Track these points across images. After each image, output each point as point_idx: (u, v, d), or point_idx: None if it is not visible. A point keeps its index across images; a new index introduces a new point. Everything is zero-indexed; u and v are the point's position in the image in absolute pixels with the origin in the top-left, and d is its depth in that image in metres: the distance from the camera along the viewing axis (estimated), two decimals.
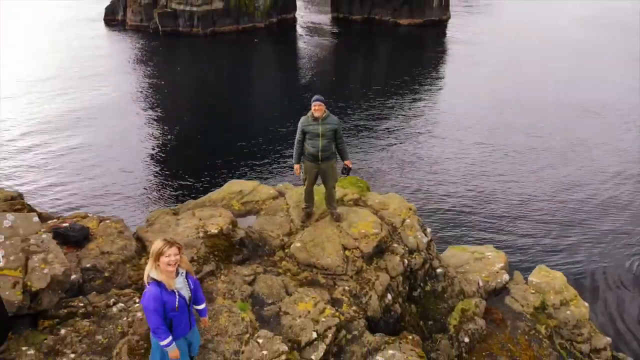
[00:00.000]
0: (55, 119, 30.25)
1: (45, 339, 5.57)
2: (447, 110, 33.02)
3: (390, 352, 6.44)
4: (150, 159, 25.73)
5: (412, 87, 38.83)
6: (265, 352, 5.85)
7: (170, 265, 4.55)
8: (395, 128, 29.90)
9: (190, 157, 25.45)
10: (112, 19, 60.91)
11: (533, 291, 10.18)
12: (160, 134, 29.00)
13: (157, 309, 4.50)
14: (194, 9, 54.55)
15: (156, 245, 4.57)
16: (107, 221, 7.65)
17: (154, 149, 26.82)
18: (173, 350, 4.68)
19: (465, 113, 31.98)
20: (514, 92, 36.29)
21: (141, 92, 36.91)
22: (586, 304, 10.20)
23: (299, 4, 64.88)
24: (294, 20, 61.93)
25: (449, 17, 63.13)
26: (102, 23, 60.70)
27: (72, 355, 5.38)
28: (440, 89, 38.73)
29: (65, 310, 5.90)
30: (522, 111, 32.31)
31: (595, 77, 40.10)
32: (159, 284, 4.53)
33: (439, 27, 60.16)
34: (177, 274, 4.71)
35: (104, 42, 53.50)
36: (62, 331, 5.66)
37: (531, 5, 73.04)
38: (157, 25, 55.57)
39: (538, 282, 10.32)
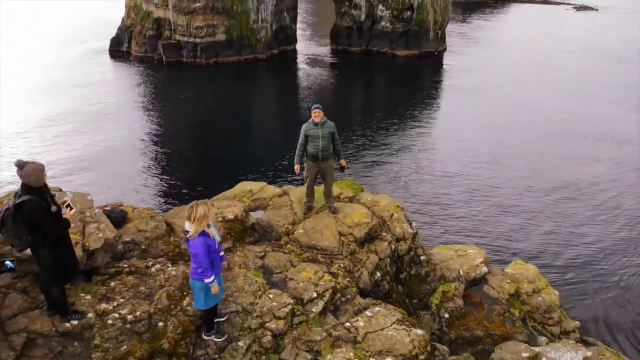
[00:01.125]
0: (78, 149, 31.78)
1: (99, 289, 7.07)
2: (442, 133, 34.93)
3: (377, 309, 7.90)
4: (164, 173, 27.68)
5: (408, 110, 40.85)
6: (275, 304, 7.33)
7: (210, 220, 6.16)
8: (391, 146, 31.88)
9: (202, 168, 27.93)
10: (117, 50, 63.47)
11: (509, 281, 11.62)
12: (172, 150, 31.12)
13: (205, 253, 6.04)
14: (198, 40, 57.12)
15: (202, 210, 6.03)
16: (140, 208, 9.22)
17: (167, 164, 28.83)
18: (215, 286, 6.20)
19: (460, 135, 33.82)
20: (509, 118, 38.26)
21: (149, 117, 38.71)
22: (556, 292, 11.64)
23: (299, 36, 67.78)
24: (295, 52, 64.63)
25: (445, 49, 65.88)
26: (107, 54, 63.25)
27: (122, 300, 6.87)
28: (434, 112, 40.89)
29: (113, 270, 7.42)
30: (516, 135, 34.17)
31: (592, 105, 42.26)
32: (203, 233, 6.08)
33: (436, 57, 62.89)
34: (209, 225, 6.27)
35: (110, 72, 55.89)
36: (112, 283, 7.17)
37: (527, 36, 76.13)
38: (161, 56, 57.99)
39: (513, 273, 11.79)
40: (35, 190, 5.74)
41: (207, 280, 6.08)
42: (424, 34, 62.91)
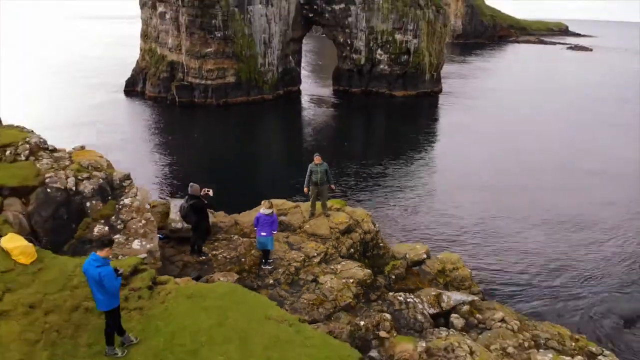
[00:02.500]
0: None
1: (208, 246, 15.37)
2: (436, 163, 43.27)
3: (348, 261, 16.14)
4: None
5: (400, 142, 49.54)
6: (294, 256, 15.60)
7: None
8: (381, 172, 40.22)
9: (228, 191, 35.76)
10: (132, 90, 72.75)
11: (438, 263, 19.74)
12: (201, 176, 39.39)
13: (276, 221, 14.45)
14: (209, 82, 66.41)
15: (272, 202, 14.48)
16: (219, 212, 17.63)
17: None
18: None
19: (454, 168, 41.95)
20: (503, 152, 46.39)
21: (170, 153, 47.09)
22: (469, 269, 19.75)
23: (303, 78, 77.55)
24: (299, 92, 74.29)
25: (441, 90, 75.38)
26: (123, 94, 72.37)
27: (221, 250, 15.16)
28: (426, 145, 49.59)
29: (214, 238, 15.74)
30: (509, 165, 42.30)
31: (588, 140, 50.76)
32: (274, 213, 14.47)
33: (432, 98, 72.31)
34: None
35: (125, 111, 64.56)
36: (215, 243, 15.49)
37: (523, 76, 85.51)
38: (174, 97, 67.06)
39: (442, 258, 19.93)
40: (195, 197, 14.12)
41: (274, 232, 14.42)
42: (420, 76, 72.55)
